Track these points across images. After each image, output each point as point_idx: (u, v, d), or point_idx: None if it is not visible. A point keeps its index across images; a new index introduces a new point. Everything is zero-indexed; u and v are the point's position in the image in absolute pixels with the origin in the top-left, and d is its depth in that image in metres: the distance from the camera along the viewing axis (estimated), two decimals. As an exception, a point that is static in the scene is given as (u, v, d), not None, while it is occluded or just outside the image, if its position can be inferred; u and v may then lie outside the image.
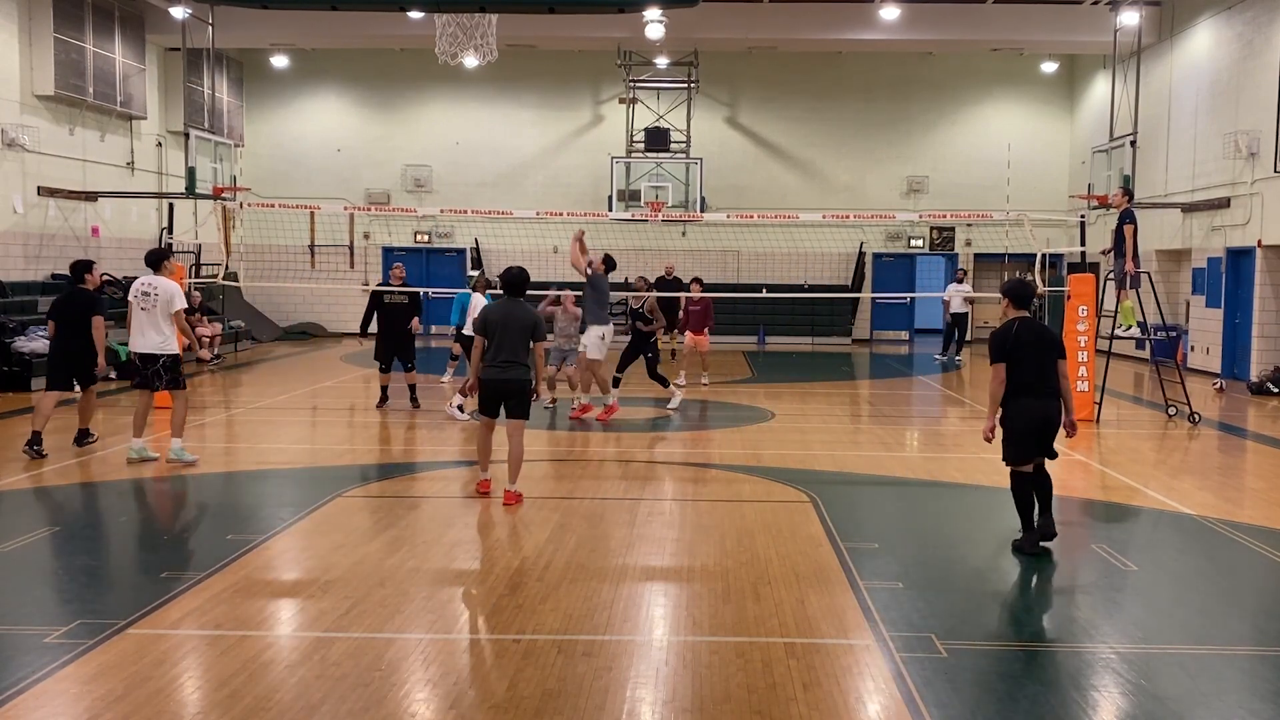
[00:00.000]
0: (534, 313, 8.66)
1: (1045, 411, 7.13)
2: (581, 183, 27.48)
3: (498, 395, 8.62)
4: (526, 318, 8.55)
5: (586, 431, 12.58)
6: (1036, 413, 7.11)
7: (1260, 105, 18.25)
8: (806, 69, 27.67)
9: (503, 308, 8.66)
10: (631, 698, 4.92)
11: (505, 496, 8.59)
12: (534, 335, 8.54)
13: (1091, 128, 25.16)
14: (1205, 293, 20.30)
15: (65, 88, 19.40)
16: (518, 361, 8.50)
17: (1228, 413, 15.04)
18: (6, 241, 18.55)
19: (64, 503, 8.89)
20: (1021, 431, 7.14)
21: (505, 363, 8.50)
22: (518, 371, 8.52)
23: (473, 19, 17.53)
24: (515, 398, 8.58)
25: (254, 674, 5.12)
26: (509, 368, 8.50)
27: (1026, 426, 7.13)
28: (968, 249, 27.80)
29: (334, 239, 27.33)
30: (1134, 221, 13.83)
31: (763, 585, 6.58)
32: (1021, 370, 7.06)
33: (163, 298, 10.19)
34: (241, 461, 10.80)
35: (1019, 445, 7.18)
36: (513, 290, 8.75)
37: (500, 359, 8.50)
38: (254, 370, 19.68)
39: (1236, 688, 5.14)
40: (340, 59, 27.55)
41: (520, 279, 8.80)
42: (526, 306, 8.69)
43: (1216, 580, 7.09)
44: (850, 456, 11.32)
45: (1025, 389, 7.07)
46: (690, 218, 24.34)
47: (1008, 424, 7.20)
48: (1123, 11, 20.78)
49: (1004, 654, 5.56)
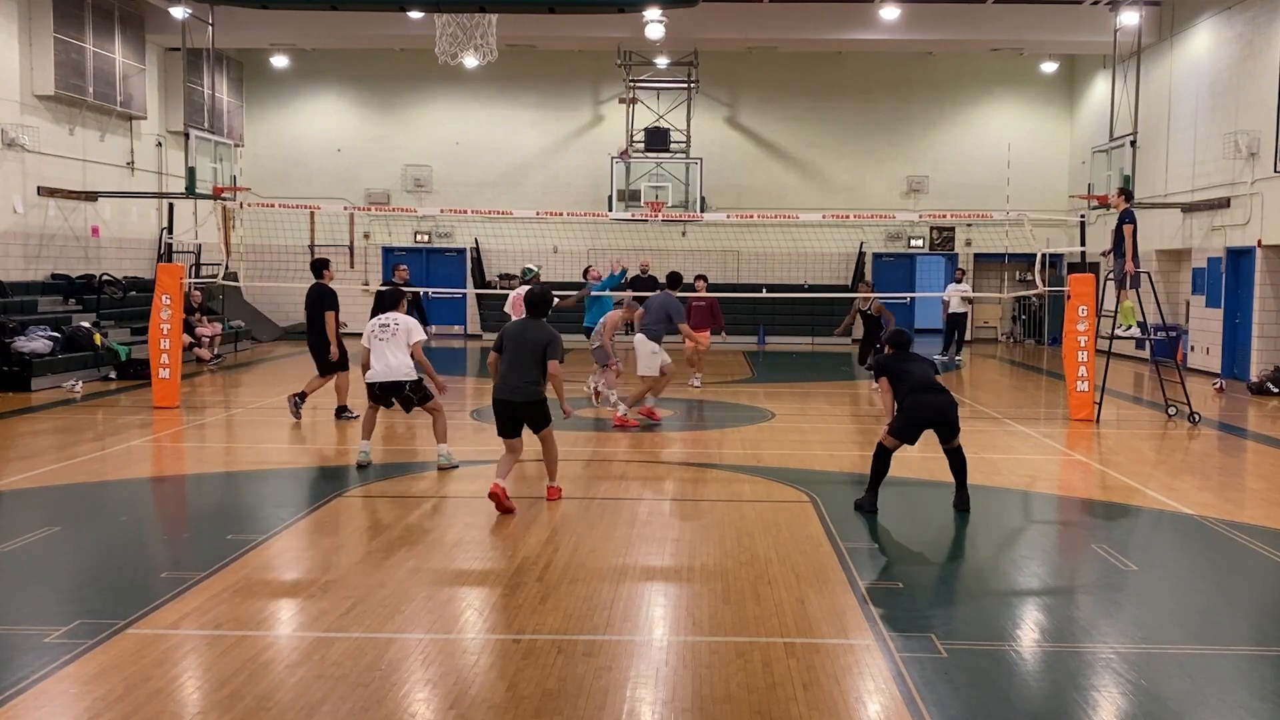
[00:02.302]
0: (550, 332, 8.44)
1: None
2: (581, 183, 27.48)
3: (510, 415, 8.47)
4: (541, 337, 8.37)
5: (586, 432, 12.58)
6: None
7: (1260, 105, 18.25)
8: (806, 69, 27.67)
9: (519, 325, 8.56)
10: (631, 698, 4.92)
11: (548, 492, 8.78)
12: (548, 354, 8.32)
13: (1091, 128, 25.16)
14: (1205, 293, 20.30)
15: (65, 88, 19.40)
16: (527, 381, 8.33)
17: (1228, 413, 15.04)
18: (6, 241, 18.55)
19: (64, 503, 8.89)
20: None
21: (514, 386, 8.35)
22: (527, 391, 8.33)
23: (473, 19, 17.53)
24: (529, 415, 8.45)
25: (254, 674, 5.12)
26: (518, 389, 8.33)
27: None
28: (968, 249, 27.81)
29: (334, 239, 27.34)
30: (1134, 222, 13.83)
31: (763, 585, 6.58)
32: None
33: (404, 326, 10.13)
34: (241, 461, 10.80)
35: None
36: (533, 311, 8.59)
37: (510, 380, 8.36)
38: (254, 370, 19.68)
39: (1236, 688, 5.14)
40: (340, 59, 27.55)
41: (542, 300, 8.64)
42: (544, 325, 8.51)
43: (1216, 580, 7.09)
44: (850, 456, 11.32)
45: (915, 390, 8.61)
46: (690, 218, 24.32)
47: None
48: (1123, 11, 20.79)
49: (1004, 654, 5.56)
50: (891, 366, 8.69)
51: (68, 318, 18.18)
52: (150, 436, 12.05)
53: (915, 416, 8.45)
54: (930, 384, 8.50)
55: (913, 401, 8.44)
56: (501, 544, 7.60)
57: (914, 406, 8.44)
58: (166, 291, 14.24)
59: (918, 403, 8.43)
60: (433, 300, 27.44)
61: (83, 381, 16.20)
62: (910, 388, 8.49)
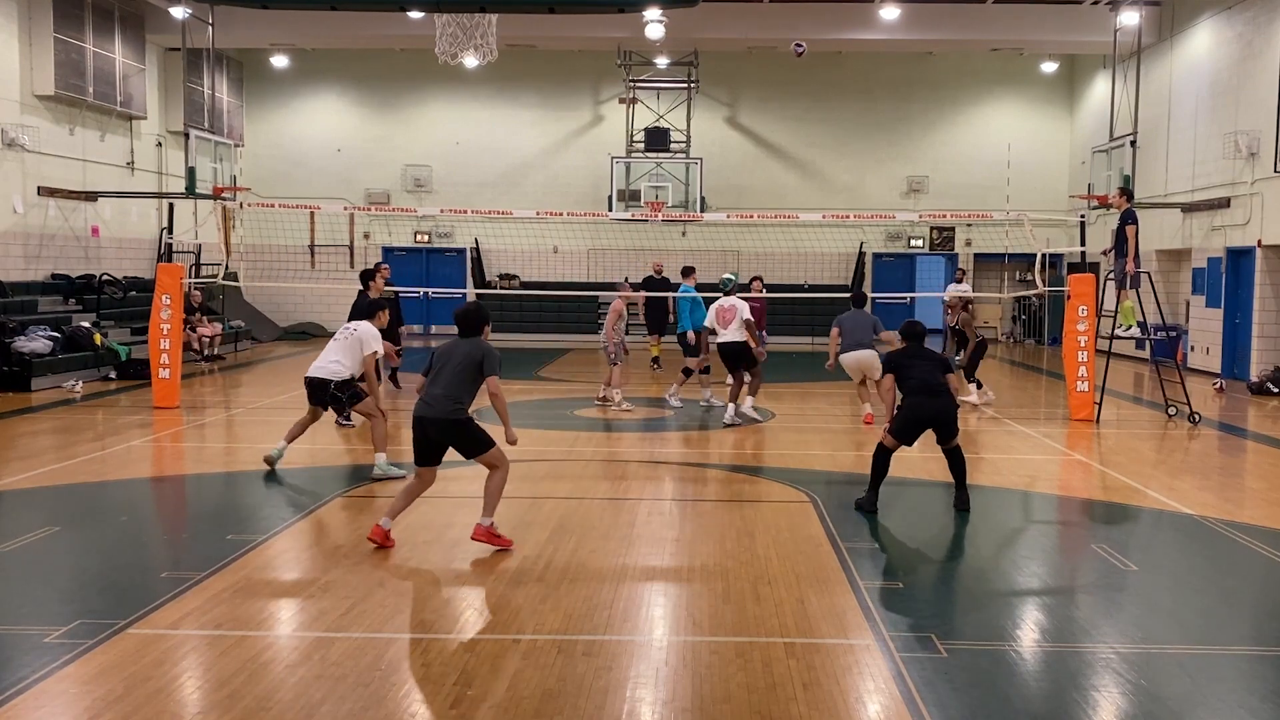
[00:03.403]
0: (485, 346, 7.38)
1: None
2: (581, 183, 27.47)
3: (423, 435, 7.31)
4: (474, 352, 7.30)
5: (586, 431, 12.58)
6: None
7: (1260, 105, 18.25)
8: (806, 69, 27.62)
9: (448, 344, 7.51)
10: (631, 698, 4.92)
11: (474, 530, 7.34)
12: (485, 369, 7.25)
13: (1091, 128, 25.16)
14: (1205, 293, 20.30)
15: (65, 87, 19.40)
16: (446, 397, 7.20)
17: (1228, 413, 15.04)
18: (6, 241, 18.55)
19: (64, 503, 8.89)
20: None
21: (429, 400, 7.28)
22: (442, 407, 7.19)
23: (473, 19, 17.52)
24: (450, 438, 7.29)
25: (254, 674, 5.12)
26: (432, 403, 7.24)
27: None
28: (968, 249, 27.80)
29: (334, 239, 27.34)
30: (1136, 222, 13.82)
31: (763, 585, 6.58)
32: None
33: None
34: (241, 461, 10.79)
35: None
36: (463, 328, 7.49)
37: (428, 394, 7.31)
38: (254, 370, 19.68)
39: (1236, 688, 5.14)
40: (340, 59, 27.55)
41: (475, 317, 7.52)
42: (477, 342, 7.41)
43: (1216, 580, 7.09)
44: (850, 456, 11.32)
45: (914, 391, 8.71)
46: (690, 218, 24.32)
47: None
48: (1123, 11, 20.79)
49: (1004, 654, 5.56)
50: (899, 364, 8.71)
51: (68, 318, 18.18)
52: (150, 436, 12.05)
53: (913, 418, 8.54)
54: (931, 387, 8.53)
55: (912, 403, 8.54)
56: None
57: (913, 408, 8.54)
58: (166, 291, 14.24)
59: (917, 404, 8.53)
60: (433, 300, 27.48)
61: (83, 381, 16.20)
62: (911, 389, 8.57)
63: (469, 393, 7.26)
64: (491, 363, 7.25)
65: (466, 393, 7.25)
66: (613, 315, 14.31)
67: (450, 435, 7.26)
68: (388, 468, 9.75)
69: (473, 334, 7.44)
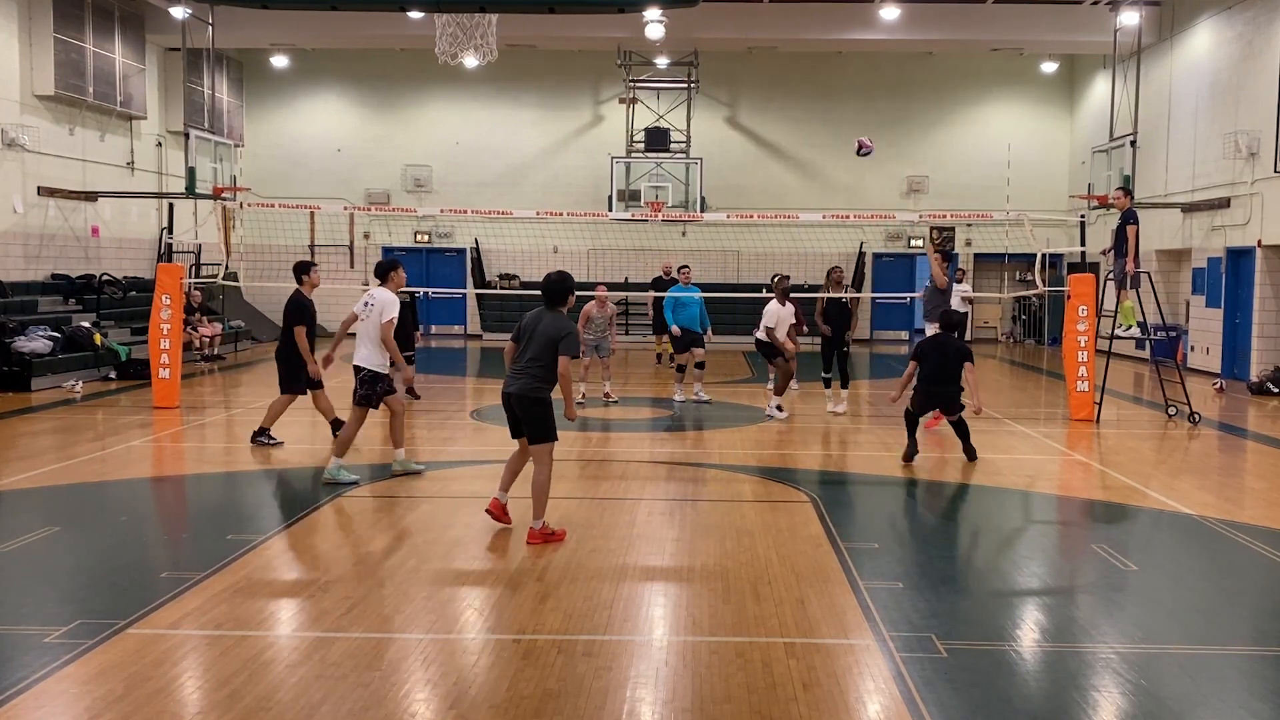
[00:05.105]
0: (565, 324, 7.51)
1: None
2: (581, 183, 27.47)
3: (509, 410, 7.69)
4: (554, 330, 7.45)
5: (586, 432, 12.58)
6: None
7: (1260, 105, 18.25)
8: (806, 69, 27.67)
9: (534, 315, 7.67)
10: (631, 698, 4.92)
11: (529, 535, 7.53)
12: (560, 349, 7.40)
13: (1091, 128, 25.16)
14: (1205, 293, 20.30)
15: (65, 88, 19.40)
16: (528, 374, 7.46)
17: (1228, 413, 15.04)
18: (6, 241, 18.55)
19: (64, 503, 8.88)
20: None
21: (512, 375, 7.58)
22: (521, 384, 7.47)
23: (473, 19, 17.53)
24: (523, 414, 7.55)
25: (254, 674, 5.12)
26: (514, 379, 7.54)
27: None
28: (968, 249, 27.80)
29: (334, 239, 27.32)
30: (1136, 221, 13.82)
31: (763, 585, 6.58)
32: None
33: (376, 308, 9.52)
34: (241, 461, 10.79)
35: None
36: (548, 299, 7.63)
37: (512, 370, 7.60)
38: (254, 370, 19.67)
39: (1236, 688, 5.14)
40: (340, 59, 27.55)
41: (560, 288, 7.63)
42: (560, 316, 7.58)
43: (1216, 580, 7.09)
44: (850, 456, 11.31)
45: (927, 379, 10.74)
46: (690, 218, 24.32)
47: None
48: (1123, 11, 20.79)
49: (1004, 654, 5.55)
50: (923, 352, 10.73)
51: (68, 318, 18.19)
52: (150, 436, 12.05)
53: (923, 401, 10.70)
54: (939, 377, 10.53)
55: (924, 390, 10.64)
56: (501, 544, 7.59)
57: (923, 393, 10.66)
58: (166, 291, 14.24)
59: (927, 391, 10.63)
60: (433, 300, 27.50)
61: (83, 381, 16.20)
62: (924, 377, 10.63)
63: (550, 367, 7.45)
64: (568, 344, 7.43)
65: (547, 368, 7.45)
66: (582, 319, 14.61)
67: (523, 409, 7.53)
68: (408, 463, 9.80)
69: (557, 304, 7.62)
